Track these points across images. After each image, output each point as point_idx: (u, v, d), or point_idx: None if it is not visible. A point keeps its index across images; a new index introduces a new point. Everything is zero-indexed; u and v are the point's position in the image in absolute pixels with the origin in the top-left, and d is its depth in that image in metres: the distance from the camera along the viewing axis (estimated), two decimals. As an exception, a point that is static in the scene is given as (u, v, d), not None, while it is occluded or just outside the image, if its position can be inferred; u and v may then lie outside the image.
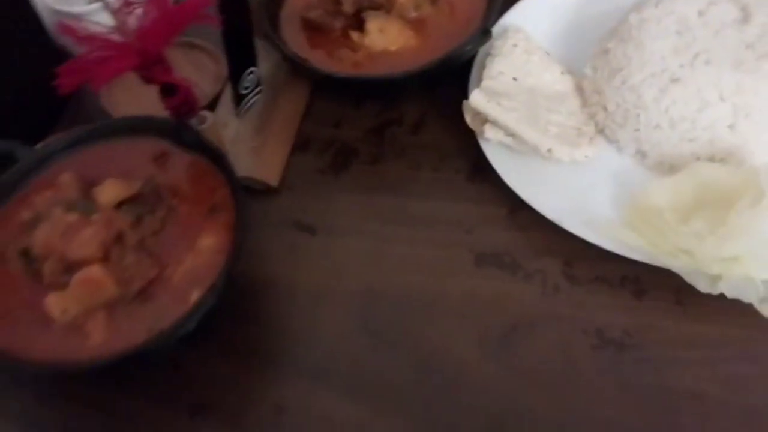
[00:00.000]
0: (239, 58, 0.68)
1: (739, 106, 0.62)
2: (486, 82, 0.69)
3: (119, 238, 0.58)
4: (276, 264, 0.66)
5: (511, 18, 0.77)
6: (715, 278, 0.57)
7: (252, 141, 0.72)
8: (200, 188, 0.62)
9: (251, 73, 0.71)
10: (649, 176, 0.65)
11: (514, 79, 0.70)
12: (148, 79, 0.59)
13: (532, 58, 0.72)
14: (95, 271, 0.57)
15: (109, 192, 0.61)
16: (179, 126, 0.65)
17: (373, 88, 0.69)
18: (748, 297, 0.56)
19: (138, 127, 0.67)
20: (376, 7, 0.74)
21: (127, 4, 0.56)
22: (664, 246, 0.59)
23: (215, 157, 0.63)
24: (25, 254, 0.59)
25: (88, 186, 0.63)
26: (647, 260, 0.59)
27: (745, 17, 0.66)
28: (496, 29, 0.74)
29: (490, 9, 0.74)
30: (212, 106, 0.75)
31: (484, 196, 0.68)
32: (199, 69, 0.81)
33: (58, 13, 0.79)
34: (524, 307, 0.61)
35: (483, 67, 0.72)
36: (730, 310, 0.57)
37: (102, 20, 0.70)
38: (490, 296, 0.62)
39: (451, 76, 0.73)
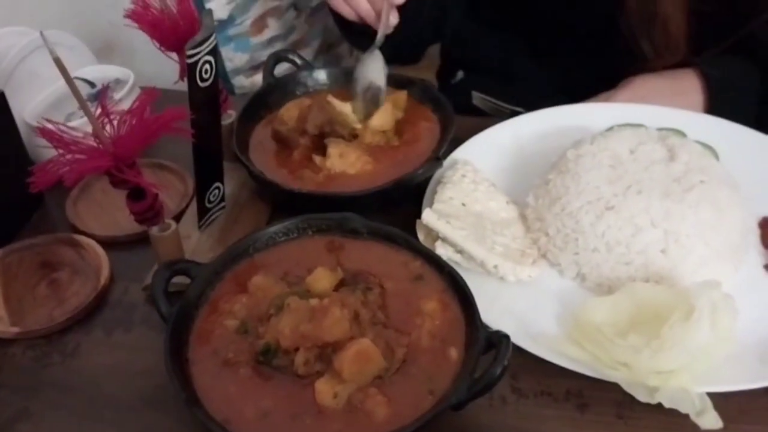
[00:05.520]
0: (207, 172, 0.72)
1: (670, 231, 0.68)
2: (437, 205, 0.74)
3: (355, 317, 0.60)
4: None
5: (461, 153, 0.83)
6: (653, 389, 0.59)
7: (210, 252, 0.74)
8: (390, 266, 0.66)
9: (217, 188, 0.75)
10: (589, 297, 0.69)
11: (463, 204, 0.75)
12: (118, 182, 0.62)
13: (479, 188, 0.78)
14: (366, 344, 0.57)
15: (322, 279, 0.63)
16: (342, 218, 0.70)
17: (334, 205, 0.72)
18: (684, 408, 0.58)
19: (290, 231, 0.70)
20: (339, 136, 0.80)
21: (105, 114, 0.60)
22: (604, 359, 0.62)
23: (390, 238, 0.68)
24: (266, 352, 0.59)
25: (286, 282, 0.65)
26: (590, 373, 0.61)
27: (672, 156, 0.73)
28: (447, 161, 0.80)
29: (441, 142, 0.81)
30: (176, 219, 0.78)
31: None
32: (166, 188, 0.84)
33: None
34: (471, 419, 0.62)
35: (435, 193, 0.77)
36: (669, 425, 0.59)
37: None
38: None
39: (406, 201, 0.78)
